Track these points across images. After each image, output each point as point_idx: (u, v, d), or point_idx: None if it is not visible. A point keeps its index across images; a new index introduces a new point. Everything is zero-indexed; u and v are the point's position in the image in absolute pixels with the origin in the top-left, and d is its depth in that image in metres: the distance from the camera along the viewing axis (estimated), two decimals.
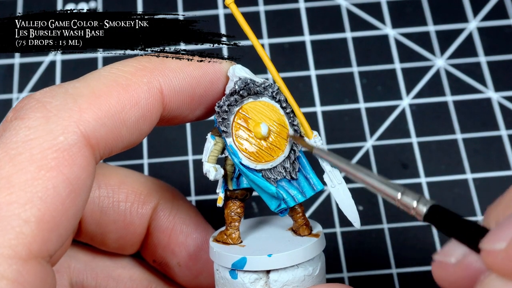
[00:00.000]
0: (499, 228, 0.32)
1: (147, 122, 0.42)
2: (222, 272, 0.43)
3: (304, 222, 0.45)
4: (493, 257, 0.32)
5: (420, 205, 0.36)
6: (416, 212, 0.36)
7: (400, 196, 0.37)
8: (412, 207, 0.36)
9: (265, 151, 0.44)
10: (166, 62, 0.43)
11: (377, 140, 0.62)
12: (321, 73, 0.65)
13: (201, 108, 0.44)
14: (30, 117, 0.38)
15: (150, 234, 0.49)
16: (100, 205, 0.48)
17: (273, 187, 0.43)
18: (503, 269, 0.32)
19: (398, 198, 0.37)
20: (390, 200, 0.38)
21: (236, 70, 0.44)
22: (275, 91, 0.45)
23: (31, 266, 0.36)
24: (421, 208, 0.36)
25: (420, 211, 0.36)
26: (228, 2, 0.45)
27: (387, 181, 0.38)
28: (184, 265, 0.49)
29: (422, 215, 0.36)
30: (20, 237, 0.36)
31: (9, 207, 0.36)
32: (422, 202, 0.36)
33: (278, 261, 0.42)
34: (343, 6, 0.68)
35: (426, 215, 0.36)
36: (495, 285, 0.32)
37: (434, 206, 0.36)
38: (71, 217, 0.38)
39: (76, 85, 0.40)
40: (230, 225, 0.45)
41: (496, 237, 0.32)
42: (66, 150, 0.38)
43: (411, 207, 0.36)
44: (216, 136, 0.44)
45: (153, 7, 0.68)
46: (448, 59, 0.66)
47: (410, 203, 0.36)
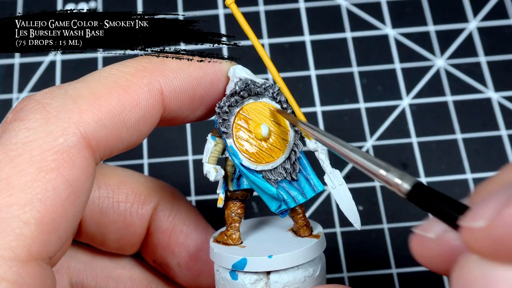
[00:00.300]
0: (481, 206, 0.31)
1: (147, 123, 0.42)
2: (223, 273, 0.43)
3: (304, 223, 0.45)
4: (472, 235, 0.31)
5: (404, 183, 0.35)
6: (399, 189, 0.36)
7: (385, 173, 0.37)
8: (395, 184, 0.36)
9: (265, 152, 0.44)
10: (167, 63, 0.43)
11: (377, 140, 0.62)
12: (321, 73, 0.65)
13: (201, 108, 0.44)
14: (30, 118, 0.38)
15: (150, 234, 0.49)
16: (100, 206, 0.48)
17: (273, 188, 0.43)
18: (482, 249, 0.31)
19: (383, 175, 0.37)
20: (374, 177, 0.37)
21: (236, 70, 0.44)
22: (276, 91, 0.45)
23: (31, 268, 0.36)
24: (404, 185, 0.35)
25: (404, 189, 0.35)
26: (228, 2, 0.45)
27: (372, 157, 0.37)
28: (184, 265, 0.49)
29: (406, 193, 0.35)
30: (20, 239, 0.36)
31: (9, 209, 0.36)
32: (405, 179, 0.36)
33: (278, 262, 0.42)
34: (343, 6, 0.68)
35: (409, 192, 0.35)
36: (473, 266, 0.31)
37: (418, 183, 0.35)
38: (71, 219, 0.38)
39: (76, 86, 0.40)
40: (231, 226, 0.45)
41: (477, 214, 0.31)
42: (65, 152, 0.38)
43: (395, 184, 0.36)
44: (217, 137, 0.44)
45: (153, 7, 0.68)
46: (448, 59, 0.66)
47: (394, 180, 0.36)
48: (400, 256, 0.58)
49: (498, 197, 0.31)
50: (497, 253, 0.30)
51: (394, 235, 0.59)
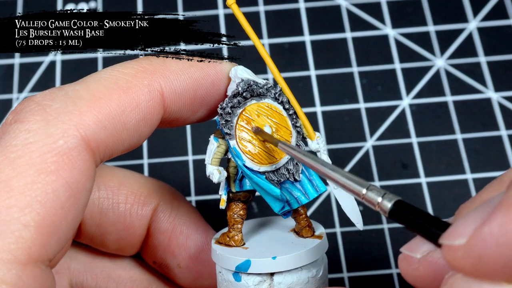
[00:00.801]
0: (460, 223, 0.31)
1: (147, 124, 0.42)
2: (225, 275, 0.43)
3: (307, 224, 0.45)
4: (452, 253, 0.31)
5: (385, 201, 0.35)
6: (381, 208, 0.36)
7: (365, 192, 0.36)
8: (376, 202, 0.36)
9: (268, 153, 0.44)
10: (167, 64, 0.43)
11: (377, 140, 0.62)
12: (321, 73, 0.65)
13: (202, 110, 0.44)
14: (30, 120, 0.38)
15: (150, 235, 0.49)
16: (100, 207, 0.48)
17: (277, 190, 0.43)
18: (463, 266, 0.31)
19: (363, 193, 0.36)
20: (355, 196, 0.37)
21: (238, 71, 0.44)
22: (278, 92, 0.44)
23: (31, 271, 0.36)
24: (385, 203, 0.35)
25: (385, 207, 0.35)
26: (229, 2, 0.45)
27: (353, 176, 0.37)
28: (185, 266, 0.49)
29: (387, 211, 0.35)
30: (20, 241, 0.36)
31: (9, 211, 0.36)
32: (386, 198, 0.35)
33: (282, 264, 0.42)
34: (343, 6, 0.68)
35: (391, 210, 0.35)
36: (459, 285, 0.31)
37: (399, 201, 0.35)
38: (70, 221, 0.38)
39: (76, 88, 0.40)
40: (233, 227, 0.45)
41: (457, 232, 0.31)
42: (65, 154, 0.37)
43: (376, 203, 0.36)
44: (219, 138, 0.44)
45: (153, 7, 0.68)
46: (448, 59, 0.66)
47: (375, 199, 0.36)
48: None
49: (476, 214, 0.31)
50: (479, 271, 0.31)
51: (394, 235, 0.59)
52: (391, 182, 0.61)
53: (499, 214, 0.30)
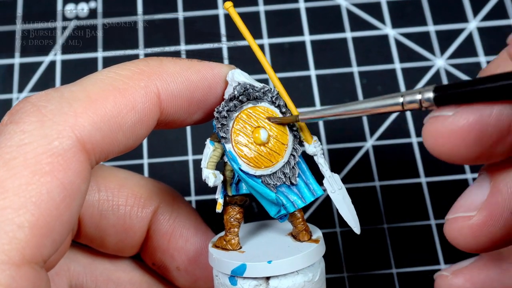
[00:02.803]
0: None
1: (144, 126, 0.42)
2: (222, 279, 0.43)
3: (304, 228, 0.45)
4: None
5: (426, 94, 0.35)
6: (424, 102, 0.35)
7: (403, 100, 0.36)
8: (420, 100, 0.36)
9: (264, 156, 0.44)
10: (164, 66, 0.43)
11: (377, 140, 0.62)
12: (321, 73, 0.65)
13: (199, 112, 0.44)
14: (25, 121, 0.38)
15: (149, 237, 0.49)
16: (100, 209, 0.48)
17: (272, 193, 0.43)
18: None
19: (402, 101, 0.36)
20: (397, 110, 0.37)
21: (235, 74, 0.44)
22: (275, 96, 0.44)
23: (25, 272, 0.36)
24: (427, 95, 0.35)
25: (429, 98, 0.35)
26: (227, 6, 0.45)
27: (383, 97, 0.37)
28: (183, 269, 0.49)
29: (432, 100, 0.35)
30: (14, 242, 0.36)
31: (3, 212, 0.36)
32: (424, 91, 0.35)
33: (278, 268, 0.42)
34: (343, 6, 0.68)
35: (435, 97, 0.35)
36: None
37: (437, 87, 0.35)
38: (65, 222, 0.38)
39: (72, 89, 0.40)
40: (230, 231, 0.45)
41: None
42: (60, 155, 0.37)
43: (419, 101, 0.36)
44: (215, 142, 0.44)
45: (153, 7, 0.68)
46: (448, 59, 0.66)
47: (416, 99, 0.36)
48: (400, 256, 0.58)
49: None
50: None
51: (394, 235, 0.59)
52: (391, 182, 0.61)
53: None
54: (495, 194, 0.38)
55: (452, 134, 0.35)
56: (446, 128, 0.35)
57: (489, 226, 0.38)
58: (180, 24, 0.67)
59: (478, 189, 0.39)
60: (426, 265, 0.58)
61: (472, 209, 0.39)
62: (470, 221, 0.39)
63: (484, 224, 0.38)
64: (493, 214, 0.38)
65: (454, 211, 0.40)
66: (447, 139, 0.35)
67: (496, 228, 0.38)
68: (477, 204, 0.39)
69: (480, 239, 0.39)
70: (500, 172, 0.38)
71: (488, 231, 0.38)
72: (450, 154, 0.36)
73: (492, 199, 0.38)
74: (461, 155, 0.36)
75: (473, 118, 0.35)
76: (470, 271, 0.43)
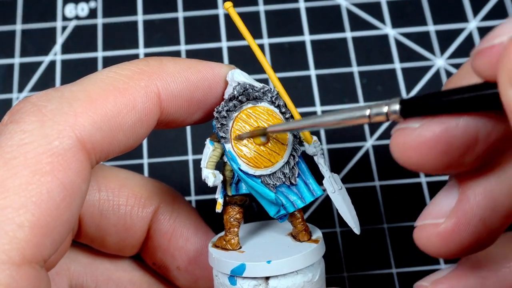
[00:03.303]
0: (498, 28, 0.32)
1: (144, 126, 0.42)
2: (221, 278, 0.43)
3: (303, 228, 0.45)
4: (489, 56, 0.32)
5: (392, 106, 0.36)
6: (391, 114, 0.36)
7: (369, 112, 0.36)
8: (386, 113, 0.36)
9: (264, 156, 0.44)
10: (165, 66, 0.43)
11: (377, 140, 0.62)
12: (321, 73, 0.65)
13: (199, 112, 0.44)
14: (26, 121, 0.38)
15: (150, 237, 0.49)
16: (100, 209, 0.48)
17: (272, 194, 0.43)
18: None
19: (368, 114, 0.36)
20: (364, 122, 0.37)
21: (235, 74, 0.44)
22: (274, 96, 0.44)
23: (25, 271, 0.36)
24: (394, 108, 0.35)
25: (395, 110, 0.35)
26: (227, 6, 0.45)
27: (351, 109, 0.37)
28: (184, 269, 0.49)
29: (398, 113, 0.35)
30: (14, 242, 0.36)
31: (3, 212, 0.36)
32: (391, 103, 0.36)
33: (277, 268, 0.42)
34: (343, 6, 0.68)
35: (401, 109, 0.35)
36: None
37: (402, 99, 0.35)
38: (65, 222, 0.38)
39: (72, 89, 0.40)
40: (229, 230, 0.45)
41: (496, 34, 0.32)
42: (61, 155, 0.38)
43: (385, 113, 0.36)
44: (215, 142, 0.44)
45: (153, 7, 0.68)
46: (448, 59, 0.66)
47: (383, 111, 0.36)
48: (400, 256, 0.58)
49: None
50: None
51: (394, 235, 0.59)
52: (391, 182, 0.61)
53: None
54: (463, 201, 0.39)
55: (419, 145, 0.35)
56: (413, 140, 0.36)
57: (458, 233, 0.39)
58: (180, 24, 0.67)
59: (446, 197, 0.40)
60: (426, 265, 0.58)
61: (440, 216, 0.39)
62: (438, 228, 0.39)
63: (452, 231, 0.39)
64: (461, 222, 0.38)
65: (422, 218, 0.40)
66: (414, 151, 0.36)
67: (464, 235, 0.39)
68: (445, 211, 0.39)
69: (449, 246, 0.39)
70: (468, 180, 0.39)
71: (456, 238, 0.39)
72: (418, 165, 0.36)
73: (460, 206, 0.39)
74: (429, 165, 0.36)
75: (439, 130, 0.35)
76: (449, 281, 0.43)
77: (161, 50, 0.66)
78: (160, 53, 0.66)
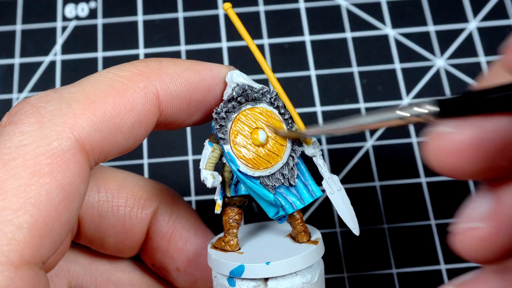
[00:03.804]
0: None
1: (143, 127, 0.42)
2: (220, 280, 0.43)
3: (302, 229, 0.45)
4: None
5: (429, 107, 0.35)
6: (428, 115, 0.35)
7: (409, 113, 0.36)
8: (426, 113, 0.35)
9: (263, 158, 0.44)
10: (164, 67, 0.43)
11: (377, 140, 0.62)
12: (321, 73, 0.65)
13: (198, 113, 0.44)
14: (24, 122, 0.38)
15: (149, 238, 0.49)
16: (99, 210, 0.48)
17: (271, 195, 0.43)
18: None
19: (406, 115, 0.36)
20: (399, 123, 0.36)
21: (234, 76, 0.44)
22: (273, 97, 0.44)
23: (23, 273, 0.36)
24: (431, 108, 0.35)
25: (433, 111, 0.35)
26: (225, 7, 0.45)
27: (383, 110, 0.37)
28: (183, 270, 0.49)
29: (437, 114, 0.35)
30: (13, 243, 0.36)
31: (2, 213, 0.36)
32: (427, 104, 0.35)
33: (276, 269, 0.42)
34: (343, 6, 0.68)
35: (439, 112, 0.35)
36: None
37: (438, 100, 0.35)
38: (64, 223, 0.38)
39: (71, 90, 0.40)
40: (228, 232, 0.45)
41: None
42: (59, 156, 0.38)
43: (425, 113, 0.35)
44: (214, 143, 0.44)
45: (153, 7, 0.68)
46: (448, 59, 0.66)
47: (419, 112, 0.35)
48: (400, 256, 0.58)
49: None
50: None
51: (394, 235, 0.59)
52: (391, 182, 0.61)
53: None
54: (502, 204, 0.38)
55: (457, 151, 0.35)
56: (450, 146, 0.35)
57: (498, 237, 0.38)
58: (180, 24, 0.67)
59: (482, 201, 0.39)
60: (426, 265, 0.58)
61: (480, 220, 0.39)
62: (479, 232, 0.39)
63: (494, 235, 0.38)
64: (501, 225, 0.38)
65: (461, 223, 0.40)
66: (452, 156, 0.35)
67: (505, 238, 0.38)
68: (484, 215, 0.39)
69: (490, 250, 0.38)
70: (504, 184, 0.38)
71: (497, 241, 0.38)
72: (455, 171, 0.35)
73: (499, 209, 0.38)
74: (466, 171, 0.35)
75: (477, 133, 0.34)
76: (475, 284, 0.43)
77: (161, 51, 0.66)
78: (160, 54, 0.66)
